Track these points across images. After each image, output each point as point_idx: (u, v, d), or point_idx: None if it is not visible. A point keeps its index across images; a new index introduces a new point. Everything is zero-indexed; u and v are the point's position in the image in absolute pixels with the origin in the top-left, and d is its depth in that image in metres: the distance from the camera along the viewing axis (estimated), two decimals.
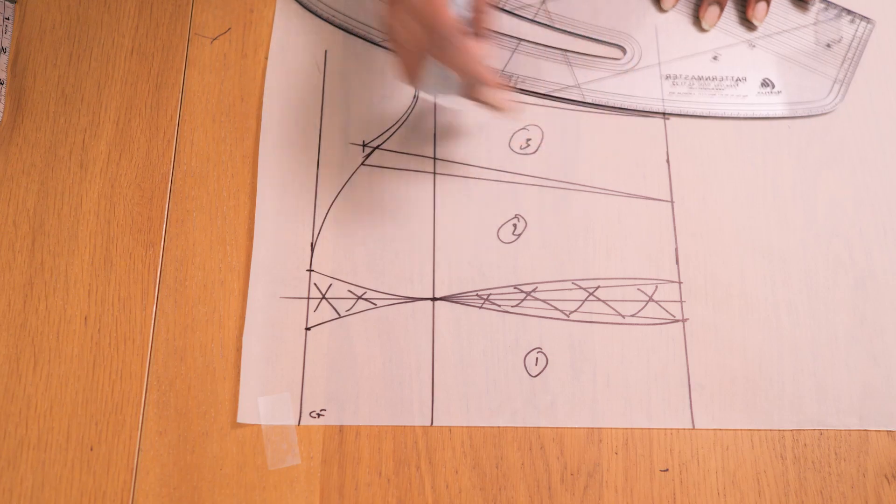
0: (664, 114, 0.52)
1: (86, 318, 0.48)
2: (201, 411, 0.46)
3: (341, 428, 0.46)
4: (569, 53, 0.53)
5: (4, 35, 0.53)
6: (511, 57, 0.53)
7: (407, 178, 0.51)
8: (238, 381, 0.46)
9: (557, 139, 0.52)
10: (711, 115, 0.52)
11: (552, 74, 0.53)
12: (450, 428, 0.46)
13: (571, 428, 0.46)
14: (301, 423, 0.46)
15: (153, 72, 0.53)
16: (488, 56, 0.43)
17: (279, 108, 0.52)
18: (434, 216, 0.50)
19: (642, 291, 0.48)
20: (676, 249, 0.49)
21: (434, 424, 0.46)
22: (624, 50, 0.53)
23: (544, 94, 0.52)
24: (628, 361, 0.47)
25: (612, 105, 0.52)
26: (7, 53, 0.54)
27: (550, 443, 0.45)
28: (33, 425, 0.46)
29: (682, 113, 0.52)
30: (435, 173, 0.51)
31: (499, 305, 0.48)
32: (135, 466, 0.45)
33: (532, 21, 0.54)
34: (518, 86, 0.52)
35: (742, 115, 0.52)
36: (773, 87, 0.52)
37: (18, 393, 0.46)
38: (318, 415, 0.46)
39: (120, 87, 0.53)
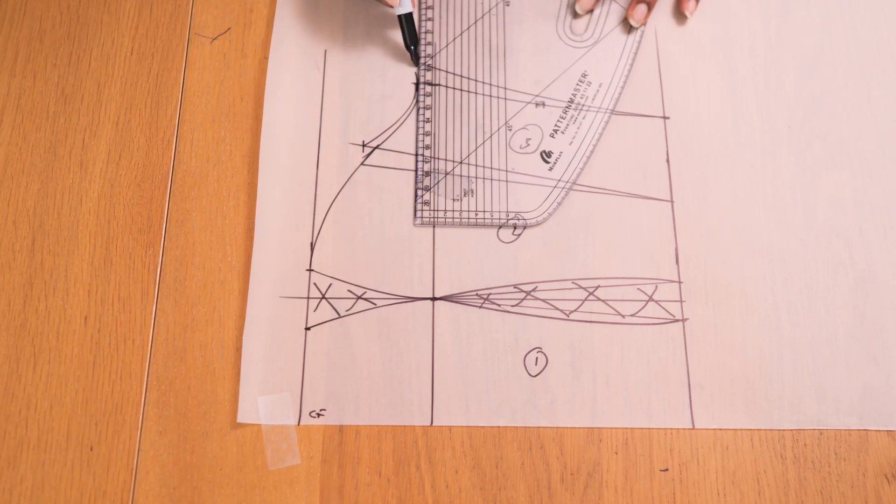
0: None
1: (86, 318, 0.48)
2: (201, 411, 0.46)
3: (341, 428, 0.46)
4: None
5: None
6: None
7: (406, 178, 0.51)
8: (238, 381, 0.46)
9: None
10: None
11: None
12: (450, 428, 0.46)
13: (571, 428, 0.46)
14: (301, 423, 0.46)
15: (153, 72, 0.53)
16: None
17: (279, 108, 0.52)
18: None
19: (642, 291, 0.48)
20: (676, 249, 0.49)
21: (434, 424, 0.46)
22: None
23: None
24: (628, 361, 0.47)
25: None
26: None
27: (550, 442, 0.45)
28: (33, 425, 0.46)
29: None
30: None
31: (499, 305, 0.48)
32: (135, 466, 0.45)
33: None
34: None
35: None
36: None
37: (18, 393, 0.46)
38: (318, 414, 0.46)
39: (120, 87, 0.53)
